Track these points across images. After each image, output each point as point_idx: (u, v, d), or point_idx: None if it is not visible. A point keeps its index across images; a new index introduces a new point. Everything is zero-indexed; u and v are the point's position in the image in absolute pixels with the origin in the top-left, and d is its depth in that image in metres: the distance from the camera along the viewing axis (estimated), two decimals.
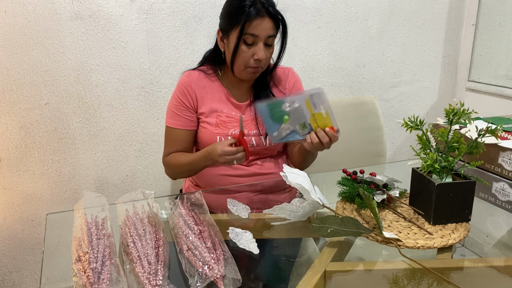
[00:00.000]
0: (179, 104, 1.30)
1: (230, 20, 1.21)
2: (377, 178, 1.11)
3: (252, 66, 1.21)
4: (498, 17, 2.07)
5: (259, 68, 1.23)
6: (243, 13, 1.17)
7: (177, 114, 1.30)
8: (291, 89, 1.37)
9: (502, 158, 1.14)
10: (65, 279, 0.82)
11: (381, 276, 0.86)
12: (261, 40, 1.19)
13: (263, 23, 1.17)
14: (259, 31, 1.18)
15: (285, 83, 1.36)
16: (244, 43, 1.19)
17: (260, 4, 1.17)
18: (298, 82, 1.39)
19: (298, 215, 1.01)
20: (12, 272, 1.74)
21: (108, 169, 1.77)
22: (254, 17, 1.16)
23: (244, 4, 1.17)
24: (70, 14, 1.57)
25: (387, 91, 2.19)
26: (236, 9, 1.19)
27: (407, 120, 1.02)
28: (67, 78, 1.62)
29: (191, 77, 1.31)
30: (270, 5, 1.19)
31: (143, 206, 1.00)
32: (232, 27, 1.20)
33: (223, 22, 1.24)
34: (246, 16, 1.16)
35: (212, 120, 1.28)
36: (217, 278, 0.76)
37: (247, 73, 1.24)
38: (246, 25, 1.17)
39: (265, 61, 1.22)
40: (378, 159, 1.76)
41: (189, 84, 1.30)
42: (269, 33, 1.19)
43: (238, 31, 1.18)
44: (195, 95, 1.29)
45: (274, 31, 1.21)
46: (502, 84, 2.07)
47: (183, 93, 1.30)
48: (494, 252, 1.03)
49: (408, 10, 2.10)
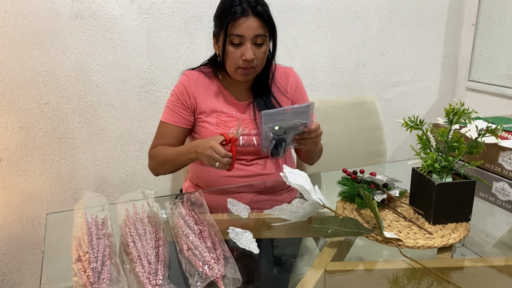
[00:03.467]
0: (176, 101, 1.30)
1: (218, 22, 1.20)
2: (377, 178, 1.11)
3: (242, 67, 1.20)
4: (498, 16, 2.06)
5: (251, 69, 1.22)
6: (229, 13, 1.16)
7: (172, 110, 1.30)
8: (293, 91, 1.36)
9: (502, 158, 1.14)
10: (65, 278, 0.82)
11: (381, 275, 0.86)
12: (248, 40, 1.17)
13: (248, 22, 1.16)
14: (244, 30, 1.16)
15: (286, 84, 1.36)
16: (231, 44, 1.18)
17: (246, 4, 1.16)
18: (299, 83, 1.39)
19: (299, 215, 1.01)
20: (12, 272, 1.74)
21: (108, 169, 1.77)
22: (239, 16, 1.15)
23: (232, 4, 1.16)
24: (70, 14, 1.57)
25: (387, 91, 2.19)
26: (224, 11, 1.18)
27: (407, 119, 1.01)
28: (67, 78, 1.62)
29: (191, 77, 1.31)
30: (258, 4, 1.17)
31: (143, 206, 1.00)
32: (220, 29, 1.19)
33: (214, 26, 1.25)
34: (231, 16, 1.15)
35: (212, 119, 1.28)
36: (217, 277, 0.76)
37: (239, 74, 1.23)
38: (230, 25, 1.16)
39: (256, 61, 1.20)
40: (378, 159, 1.76)
41: (189, 84, 1.30)
42: (256, 33, 1.17)
43: (224, 32, 1.17)
44: (193, 95, 1.29)
45: (262, 30, 1.18)
46: (502, 83, 2.07)
47: (181, 92, 1.30)
48: (494, 252, 1.03)
49: (408, 9, 2.10)
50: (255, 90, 1.32)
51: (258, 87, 1.32)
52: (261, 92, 1.32)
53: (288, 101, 1.36)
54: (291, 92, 1.36)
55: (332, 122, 1.69)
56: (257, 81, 1.32)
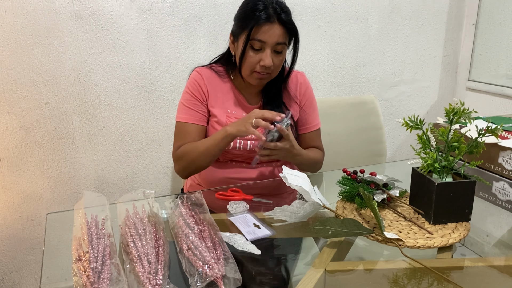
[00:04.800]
0: (192, 98, 1.27)
1: (240, 24, 1.19)
2: (377, 178, 1.11)
3: (258, 71, 1.19)
4: (498, 16, 2.06)
5: (267, 75, 1.21)
6: (253, 17, 1.14)
7: (190, 108, 1.27)
8: (301, 96, 1.36)
9: (502, 158, 1.14)
10: (65, 278, 0.82)
11: (381, 275, 0.86)
12: (269, 47, 1.16)
13: (272, 29, 1.15)
14: (267, 37, 1.15)
15: (295, 89, 1.35)
16: (251, 48, 1.17)
17: (272, 10, 1.15)
18: (308, 88, 1.37)
19: (299, 216, 1.01)
20: (12, 272, 1.74)
21: (108, 168, 1.77)
22: (264, 22, 1.14)
23: (256, 8, 1.15)
24: (70, 14, 1.57)
25: (387, 91, 2.19)
26: (247, 13, 1.17)
27: (407, 119, 1.01)
28: (67, 77, 1.62)
29: (203, 73, 1.29)
30: (283, 12, 1.16)
31: (143, 206, 1.00)
32: (242, 31, 1.18)
33: (234, 26, 1.23)
34: (255, 21, 1.14)
35: (222, 119, 1.27)
36: (217, 277, 0.76)
37: (253, 79, 1.22)
38: (254, 30, 1.15)
39: (273, 68, 1.20)
40: (378, 159, 1.76)
41: (201, 79, 1.28)
42: (278, 40, 1.16)
43: (246, 36, 1.16)
44: (207, 90, 1.27)
45: (284, 38, 1.18)
46: (502, 83, 2.07)
47: (195, 87, 1.27)
48: (494, 252, 1.03)
49: (408, 9, 2.10)
50: (266, 95, 1.31)
51: (269, 92, 1.31)
52: (272, 97, 1.31)
53: (297, 106, 1.35)
54: (300, 97, 1.36)
55: (332, 122, 1.69)
56: (268, 85, 1.30)
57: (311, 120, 1.37)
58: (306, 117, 1.36)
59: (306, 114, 1.36)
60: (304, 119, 1.36)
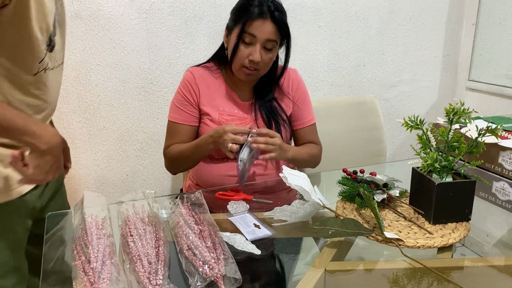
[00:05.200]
0: (182, 99, 1.30)
1: (234, 17, 1.22)
2: (377, 178, 1.11)
3: (247, 66, 1.21)
4: (498, 16, 2.06)
5: (254, 71, 1.23)
6: (247, 12, 1.17)
7: (180, 109, 1.30)
8: (294, 92, 1.37)
9: (502, 158, 1.14)
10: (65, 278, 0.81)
11: (381, 275, 0.86)
12: (259, 42, 1.18)
13: (264, 25, 1.17)
14: (258, 32, 1.17)
15: (287, 85, 1.37)
16: (242, 42, 1.20)
17: (266, 7, 1.17)
18: (300, 84, 1.39)
19: (299, 216, 1.01)
20: None
21: (108, 168, 1.77)
22: (256, 17, 1.17)
23: (252, 3, 1.18)
24: (70, 14, 1.57)
25: (387, 91, 2.19)
26: (242, 7, 1.20)
27: (407, 119, 1.01)
28: (67, 77, 1.62)
29: (195, 73, 1.32)
30: (277, 10, 1.18)
31: (143, 206, 1.00)
32: (235, 24, 1.21)
33: (229, 19, 1.26)
34: (248, 15, 1.17)
35: (214, 117, 1.29)
36: (217, 277, 0.76)
37: (242, 73, 1.24)
38: (247, 24, 1.17)
39: (261, 64, 1.21)
40: (378, 159, 1.76)
41: (193, 79, 1.30)
42: (268, 37, 1.18)
43: (239, 29, 1.19)
44: (198, 91, 1.30)
45: (275, 36, 1.20)
46: (502, 83, 2.07)
47: (186, 88, 1.30)
48: (494, 252, 1.03)
49: (408, 9, 2.10)
50: (258, 92, 1.33)
51: (261, 88, 1.33)
52: (263, 94, 1.33)
53: (290, 101, 1.36)
54: (292, 92, 1.37)
55: (332, 122, 1.69)
56: (260, 82, 1.32)
57: (306, 115, 1.38)
58: (300, 113, 1.38)
59: (300, 109, 1.38)
60: (298, 114, 1.38)
